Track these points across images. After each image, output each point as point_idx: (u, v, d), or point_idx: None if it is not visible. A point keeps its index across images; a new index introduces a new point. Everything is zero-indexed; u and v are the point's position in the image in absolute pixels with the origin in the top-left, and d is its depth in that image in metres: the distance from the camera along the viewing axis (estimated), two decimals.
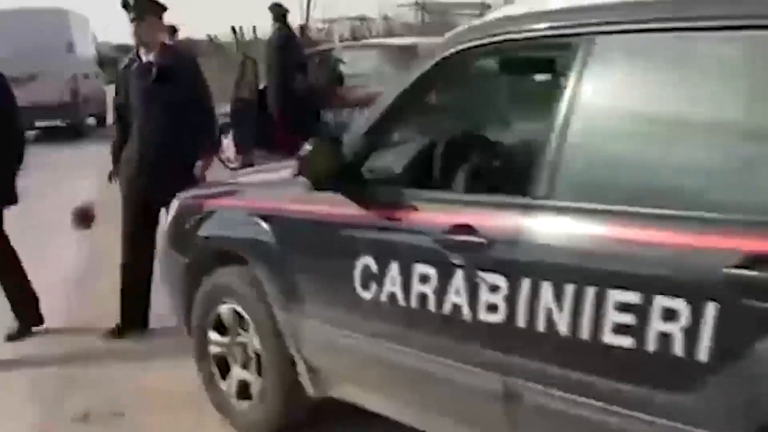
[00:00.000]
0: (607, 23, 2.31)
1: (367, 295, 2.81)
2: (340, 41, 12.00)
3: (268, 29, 9.88)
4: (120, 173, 4.78)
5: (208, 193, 3.79)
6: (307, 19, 11.30)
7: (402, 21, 22.27)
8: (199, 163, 4.64)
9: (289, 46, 9.39)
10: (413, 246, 2.69)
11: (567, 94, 2.34)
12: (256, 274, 3.29)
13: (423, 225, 2.66)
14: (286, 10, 9.79)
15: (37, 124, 13.41)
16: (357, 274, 2.83)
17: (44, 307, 4.89)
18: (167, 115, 4.57)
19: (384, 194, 2.84)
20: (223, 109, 10.40)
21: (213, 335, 3.58)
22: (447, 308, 2.54)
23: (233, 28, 20.28)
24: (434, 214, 2.65)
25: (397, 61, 9.30)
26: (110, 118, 7.33)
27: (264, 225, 3.21)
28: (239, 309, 3.43)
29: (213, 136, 4.97)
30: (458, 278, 2.51)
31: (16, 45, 12.48)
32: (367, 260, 2.80)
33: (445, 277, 2.54)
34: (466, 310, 2.49)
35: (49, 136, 13.93)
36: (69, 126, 14.48)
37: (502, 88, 3.62)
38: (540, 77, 3.15)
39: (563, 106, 2.33)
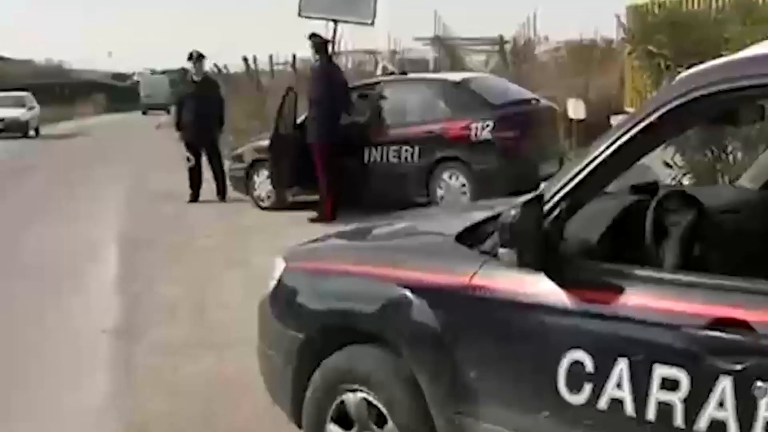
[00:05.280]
0: None
1: (576, 400, 2.26)
2: (384, 74, 11.38)
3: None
4: None
5: (326, 255, 3.18)
6: (334, 51, 10.67)
7: (410, 57, 21.69)
8: None
9: (333, 78, 8.79)
10: (652, 342, 2.16)
11: None
12: (402, 362, 2.68)
13: (666, 315, 2.13)
14: (328, 40, 9.24)
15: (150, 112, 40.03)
16: (562, 372, 2.27)
17: None
18: None
19: (601, 273, 2.26)
20: (253, 144, 9.84)
21: (333, 428, 2.96)
22: (703, 425, 2.05)
23: (244, 58, 19.83)
24: (680, 302, 2.13)
25: (449, 97, 8.74)
26: None
27: (421, 302, 2.60)
28: (372, 399, 2.81)
29: None
30: (722, 387, 2.02)
31: (153, 88, 42.68)
32: (580, 356, 2.24)
33: (700, 385, 2.06)
34: (733, 429, 2.00)
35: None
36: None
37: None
38: None
39: None
